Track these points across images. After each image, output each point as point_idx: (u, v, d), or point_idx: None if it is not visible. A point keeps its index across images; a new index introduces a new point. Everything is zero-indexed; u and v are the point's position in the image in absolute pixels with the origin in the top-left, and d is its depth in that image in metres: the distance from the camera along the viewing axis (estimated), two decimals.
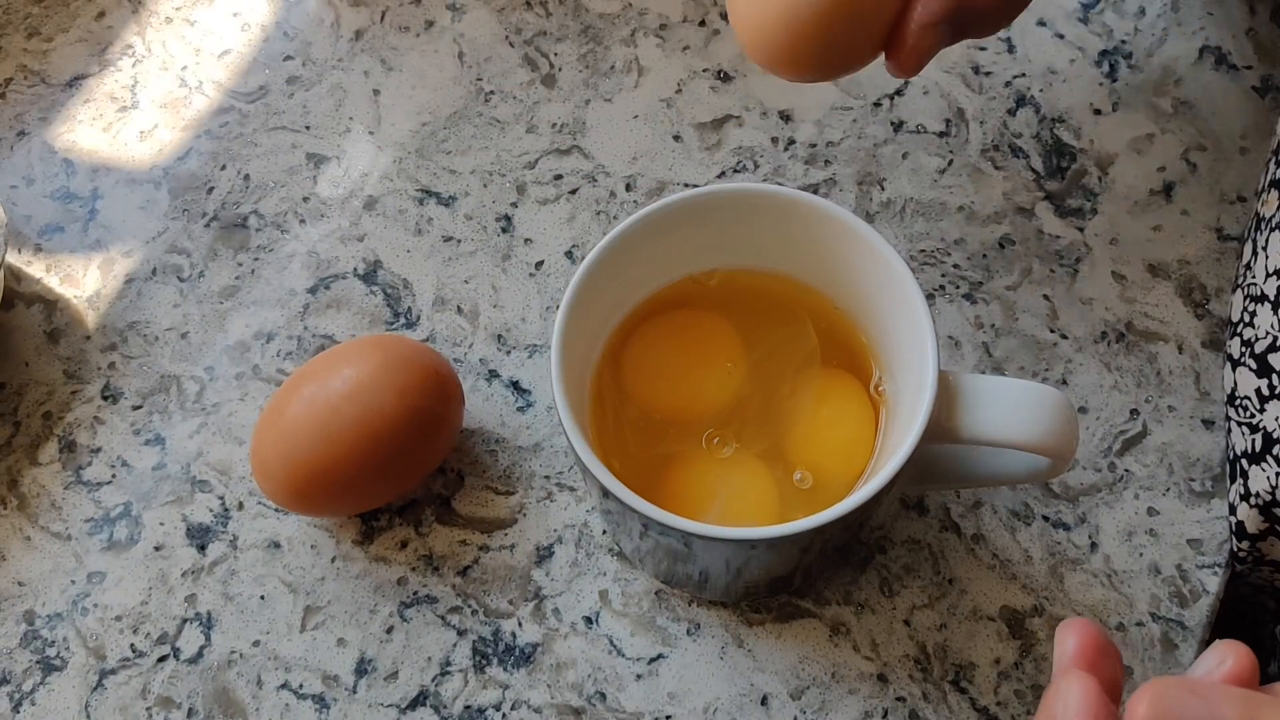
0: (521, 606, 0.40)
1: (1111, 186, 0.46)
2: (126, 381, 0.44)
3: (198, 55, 0.51)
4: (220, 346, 0.44)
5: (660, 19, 0.51)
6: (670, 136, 0.48)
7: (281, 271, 0.46)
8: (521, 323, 0.45)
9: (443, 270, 0.46)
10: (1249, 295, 0.40)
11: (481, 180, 0.47)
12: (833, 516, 0.32)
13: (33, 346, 0.45)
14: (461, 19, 0.51)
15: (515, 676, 0.39)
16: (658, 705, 0.38)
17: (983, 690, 0.38)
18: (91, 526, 0.41)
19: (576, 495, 0.41)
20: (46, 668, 0.39)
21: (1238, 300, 0.41)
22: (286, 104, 0.50)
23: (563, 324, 0.35)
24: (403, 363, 0.38)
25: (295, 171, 0.48)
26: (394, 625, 0.40)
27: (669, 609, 0.40)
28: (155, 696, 0.39)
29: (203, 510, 0.42)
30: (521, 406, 0.43)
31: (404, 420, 0.37)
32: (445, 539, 0.41)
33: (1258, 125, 0.47)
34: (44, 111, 0.50)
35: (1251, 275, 0.40)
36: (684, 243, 0.38)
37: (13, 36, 0.51)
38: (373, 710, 0.38)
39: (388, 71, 0.50)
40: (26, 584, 0.41)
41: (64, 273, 0.46)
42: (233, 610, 0.40)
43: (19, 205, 0.48)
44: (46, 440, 0.43)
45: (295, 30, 0.51)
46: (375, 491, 0.39)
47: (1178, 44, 0.49)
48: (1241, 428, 0.39)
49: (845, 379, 0.38)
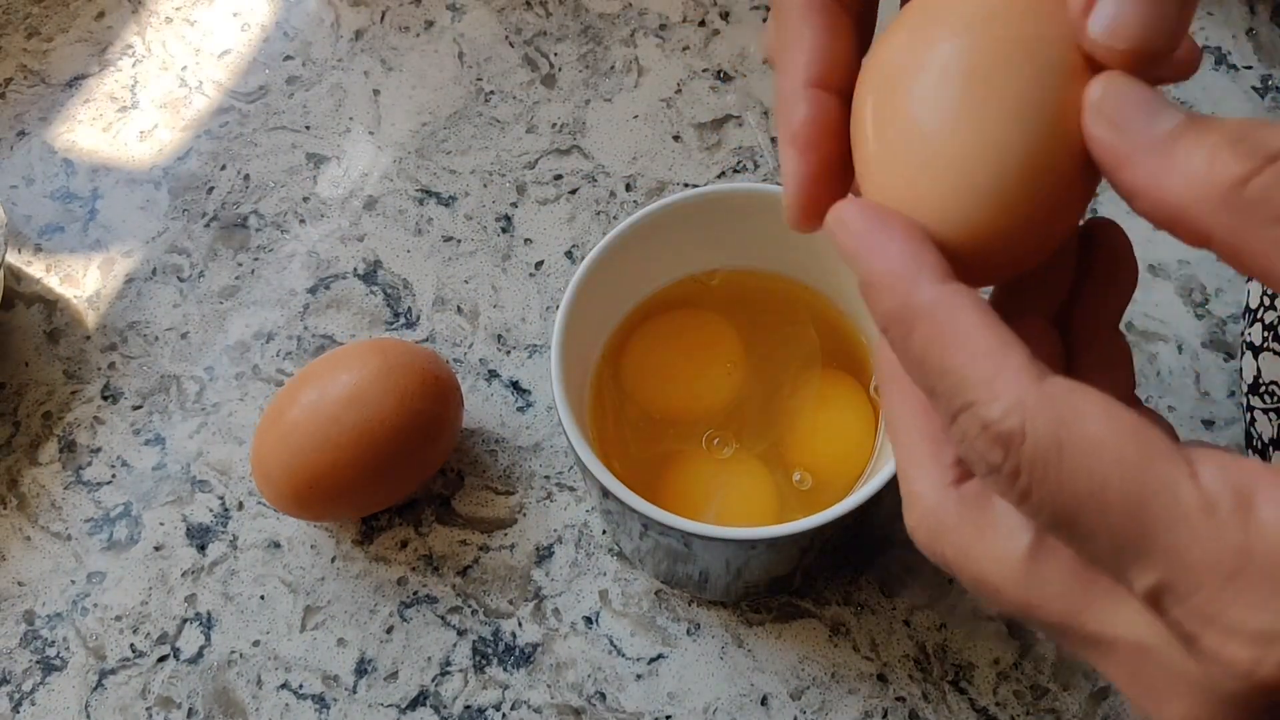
0: (521, 606, 0.40)
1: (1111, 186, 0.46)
2: (126, 381, 0.44)
3: (198, 55, 0.51)
4: (220, 346, 0.44)
5: (660, 19, 0.51)
6: (670, 136, 0.48)
7: (281, 271, 0.46)
8: (521, 323, 0.45)
9: (443, 270, 0.46)
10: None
11: (481, 180, 0.47)
12: (833, 516, 0.32)
13: (33, 346, 0.45)
14: (461, 19, 0.51)
15: (515, 676, 0.39)
16: (658, 705, 0.38)
17: (982, 690, 0.38)
18: (91, 526, 0.41)
19: (576, 495, 0.41)
20: (46, 668, 0.39)
21: (1255, 287, 0.41)
22: (286, 104, 0.50)
23: (563, 324, 0.35)
24: (402, 367, 0.38)
25: (295, 171, 0.48)
26: (394, 625, 0.40)
27: (669, 609, 0.40)
28: (155, 696, 0.39)
29: (203, 510, 0.42)
30: (521, 406, 0.43)
31: (404, 425, 0.37)
32: (445, 539, 0.41)
33: None
34: (44, 111, 0.50)
35: None
36: (684, 243, 0.38)
37: (12, 36, 0.51)
38: (373, 710, 0.38)
39: (388, 71, 0.50)
40: (26, 584, 0.41)
41: (64, 273, 0.46)
42: (233, 610, 0.40)
43: (19, 205, 0.48)
44: (46, 440, 0.43)
45: (295, 30, 0.51)
46: (375, 496, 0.39)
47: None
48: (1268, 414, 0.38)
49: (845, 380, 0.38)
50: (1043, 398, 0.18)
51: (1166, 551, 0.17)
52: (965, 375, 0.19)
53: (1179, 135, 0.19)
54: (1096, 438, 0.18)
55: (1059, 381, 0.18)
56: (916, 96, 0.20)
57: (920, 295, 0.19)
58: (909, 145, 0.21)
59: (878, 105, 0.21)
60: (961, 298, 0.19)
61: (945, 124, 0.20)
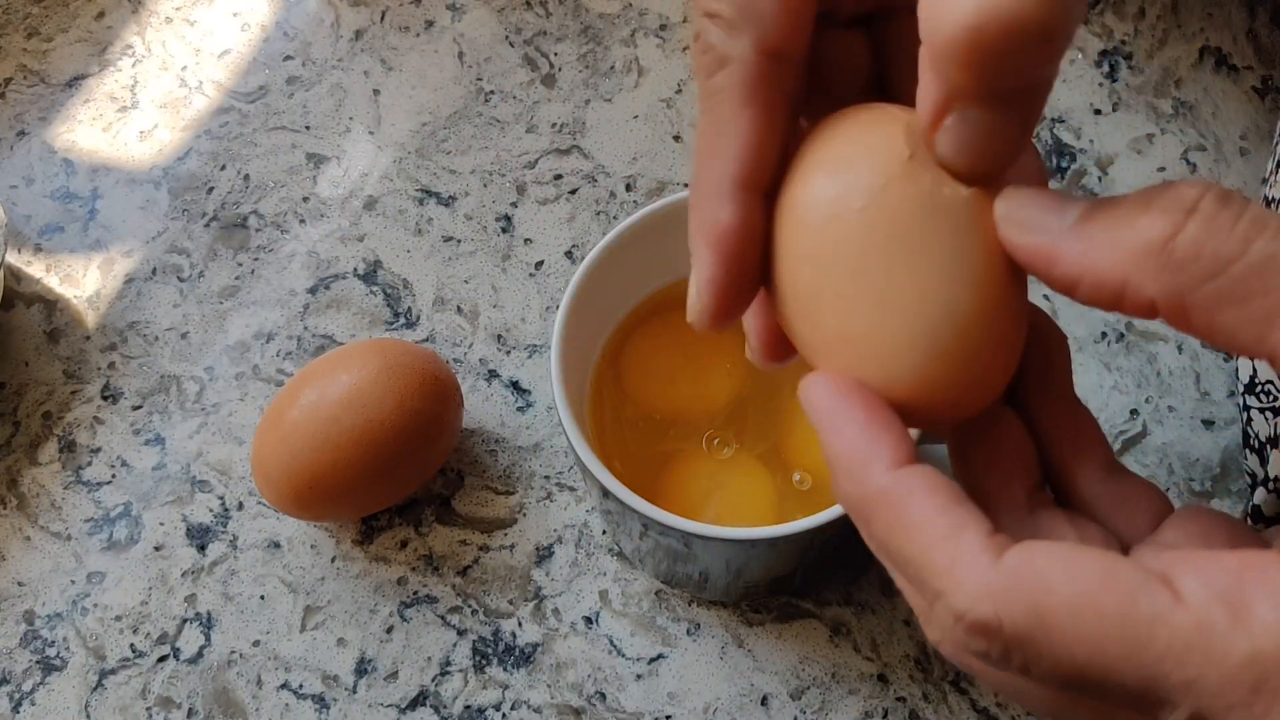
0: (521, 606, 0.40)
1: (1112, 187, 0.46)
2: (126, 381, 0.44)
3: (197, 55, 0.51)
4: (220, 346, 0.44)
5: (660, 19, 0.51)
6: (670, 136, 0.48)
7: (281, 271, 0.46)
8: (521, 323, 0.45)
9: (443, 270, 0.46)
10: None
11: (481, 180, 0.47)
12: (832, 516, 0.32)
13: (32, 346, 0.45)
14: (461, 19, 0.51)
15: (515, 676, 0.39)
16: (658, 705, 0.38)
17: (982, 691, 0.38)
18: (91, 526, 0.41)
19: (576, 495, 0.41)
20: (46, 668, 0.39)
21: None
22: (286, 104, 0.50)
23: (563, 324, 0.35)
24: (402, 368, 0.38)
25: (295, 171, 0.48)
26: (394, 625, 0.40)
27: (669, 609, 0.40)
28: (155, 697, 0.39)
29: (202, 510, 0.42)
30: (521, 406, 0.43)
31: (404, 425, 0.37)
32: (445, 539, 0.41)
33: (1257, 126, 0.47)
34: (44, 111, 0.50)
35: None
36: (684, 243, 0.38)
37: (12, 36, 0.51)
38: (372, 710, 0.38)
39: (388, 71, 0.50)
40: (26, 584, 0.41)
41: (64, 273, 0.46)
42: (233, 610, 0.40)
43: (19, 205, 0.48)
44: (46, 440, 0.43)
45: (295, 30, 0.51)
46: (375, 496, 0.39)
47: (1178, 45, 0.49)
48: (1264, 414, 0.39)
49: None
50: (1006, 577, 0.18)
51: (1186, 688, 0.17)
52: (924, 564, 0.19)
53: (1092, 216, 0.19)
54: (1072, 601, 0.18)
55: (1017, 552, 0.18)
56: (843, 264, 0.21)
57: (873, 483, 0.20)
58: (847, 315, 0.21)
59: (810, 273, 0.21)
60: (914, 480, 0.19)
61: (875, 289, 0.20)
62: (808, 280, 0.21)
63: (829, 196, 0.21)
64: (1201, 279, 0.18)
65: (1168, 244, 0.18)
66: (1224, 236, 0.17)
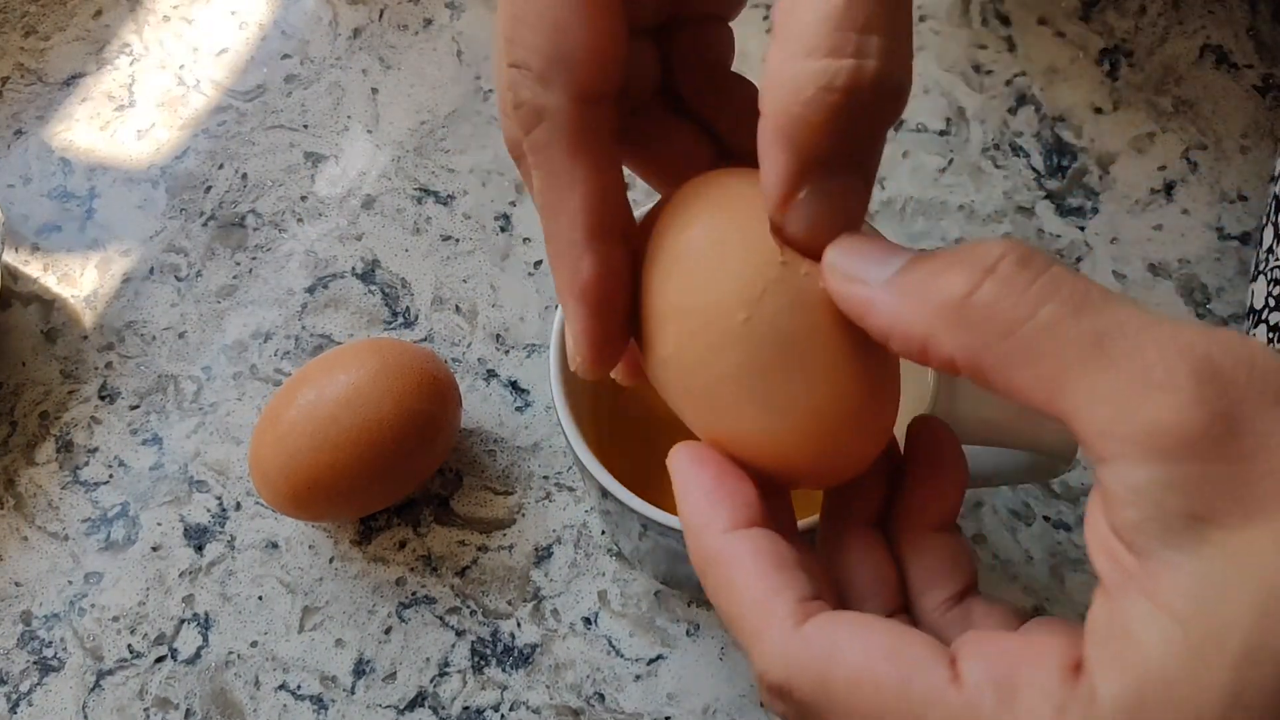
0: (520, 607, 0.40)
1: (1112, 185, 0.46)
2: (124, 381, 0.44)
3: (195, 54, 0.51)
4: (218, 346, 0.44)
5: None
6: None
7: (279, 271, 0.46)
8: (520, 322, 0.44)
9: (441, 269, 0.46)
10: (1272, 279, 0.39)
11: (480, 179, 0.47)
12: None
13: (30, 346, 0.45)
14: (460, 17, 0.51)
15: (514, 677, 0.39)
16: (657, 706, 0.38)
17: None
18: (89, 527, 0.41)
19: (575, 495, 0.41)
20: (44, 668, 0.39)
21: (1260, 287, 0.41)
22: (284, 103, 0.49)
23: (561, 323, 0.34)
24: (400, 367, 0.38)
25: (293, 170, 0.48)
26: (392, 626, 0.39)
27: (668, 609, 0.39)
28: (153, 697, 0.39)
29: (200, 510, 0.41)
30: (520, 406, 0.43)
31: (402, 425, 0.37)
32: (444, 539, 0.41)
33: (1258, 124, 0.47)
34: (41, 110, 0.50)
35: (1275, 259, 0.40)
36: None
37: (10, 35, 0.51)
38: (371, 711, 0.38)
39: (386, 70, 0.50)
40: (23, 584, 0.40)
41: (61, 272, 0.46)
42: (230, 611, 0.40)
43: (16, 204, 0.47)
44: (43, 440, 0.43)
45: (293, 29, 0.51)
46: (374, 496, 0.39)
47: (1178, 43, 0.49)
48: None
49: None
50: (801, 644, 0.19)
51: None
52: (741, 624, 0.20)
53: (911, 269, 0.19)
54: (853, 674, 0.18)
55: (817, 621, 0.19)
56: (721, 363, 0.21)
57: (708, 544, 0.21)
58: (717, 397, 0.22)
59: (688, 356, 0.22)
60: (743, 545, 0.20)
61: (747, 387, 0.21)
62: (682, 359, 0.22)
63: (710, 301, 0.21)
64: (995, 338, 0.18)
65: (965, 302, 0.18)
66: (1016, 297, 0.18)
